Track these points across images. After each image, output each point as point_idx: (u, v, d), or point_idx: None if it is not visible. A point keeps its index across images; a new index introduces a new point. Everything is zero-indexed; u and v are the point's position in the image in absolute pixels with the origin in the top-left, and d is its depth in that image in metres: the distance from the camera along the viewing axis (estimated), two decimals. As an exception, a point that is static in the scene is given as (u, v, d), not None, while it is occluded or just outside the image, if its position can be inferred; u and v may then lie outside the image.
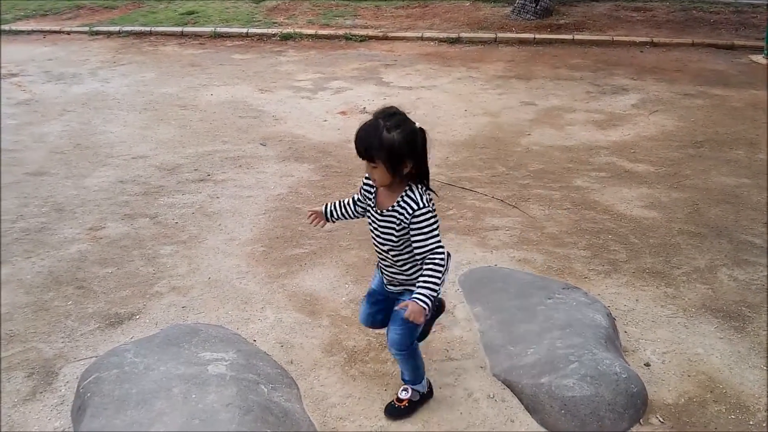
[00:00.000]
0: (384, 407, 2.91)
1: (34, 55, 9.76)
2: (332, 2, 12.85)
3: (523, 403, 2.94)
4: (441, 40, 10.57)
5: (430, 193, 2.56)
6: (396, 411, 2.87)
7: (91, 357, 3.22)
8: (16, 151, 6.01)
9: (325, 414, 2.90)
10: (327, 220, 2.85)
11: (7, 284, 3.90)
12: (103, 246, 4.34)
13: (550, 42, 10.36)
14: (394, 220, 2.52)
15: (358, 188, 2.72)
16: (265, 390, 2.88)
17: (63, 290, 3.85)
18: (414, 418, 2.86)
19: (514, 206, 4.89)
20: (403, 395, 2.89)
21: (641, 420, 2.84)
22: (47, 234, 4.50)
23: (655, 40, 10.18)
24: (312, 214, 2.86)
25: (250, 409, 2.70)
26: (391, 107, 2.47)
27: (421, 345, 3.33)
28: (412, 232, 2.49)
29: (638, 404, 2.86)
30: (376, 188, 2.62)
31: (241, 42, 10.64)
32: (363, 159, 2.48)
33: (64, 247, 4.32)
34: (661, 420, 2.85)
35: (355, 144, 2.46)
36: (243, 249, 4.31)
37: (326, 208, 2.84)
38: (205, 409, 2.66)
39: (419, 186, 2.52)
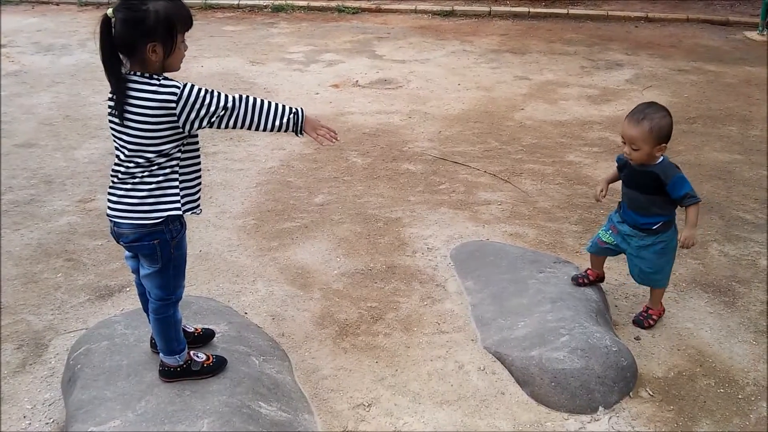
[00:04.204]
0: (373, 379, 2.92)
1: (23, 25, 9.62)
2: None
3: (513, 376, 2.95)
4: (435, 13, 10.48)
5: None
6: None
7: (81, 329, 3.21)
8: (4, 122, 5.94)
9: (317, 386, 2.91)
10: None
11: (-4, 256, 3.88)
12: (93, 218, 4.30)
13: (545, 16, 10.28)
14: None
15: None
16: (257, 362, 2.88)
17: (52, 262, 3.82)
18: (405, 389, 2.87)
19: (507, 181, 4.88)
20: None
21: (631, 393, 2.86)
22: (36, 206, 4.46)
23: (650, 15, 10.12)
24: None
25: (241, 380, 2.70)
26: None
27: (414, 319, 3.34)
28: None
29: (628, 377, 2.88)
30: None
31: (232, 13, 10.51)
32: None
33: (53, 219, 4.29)
34: (651, 393, 2.87)
35: None
36: (234, 222, 4.29)
37: None
38: (196, 381, 2.66)
39: None
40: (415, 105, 6.52)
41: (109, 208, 2.43)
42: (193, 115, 2.31)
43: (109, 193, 2.42)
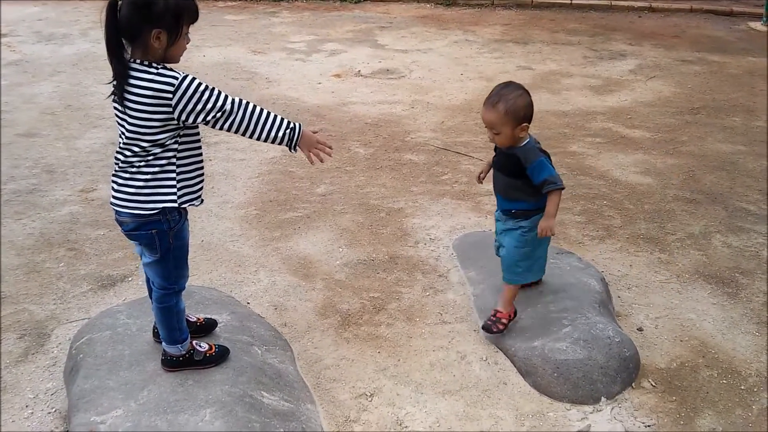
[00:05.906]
0: (376, 369, 2.92)
1: (24, 15, 9.59)
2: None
3: (515, 366, 2.95)
4: (437, 3, 10.44)
5: None
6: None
7: (84, 319, 3.21)
8: (6, 112, 5.92)
9: (319, 376, 2.91)
10: None
11: (-2, 245, 3.87)
12: (95, 208, 4.30)
13: (548, 6, 10.24)
14: None
15: None
16: (259, 352, 2.88)
17: (55, 252, 3.82)
18: (407, 379, 2.87)
19: (509, 171, 4.86)
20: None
21: (633, 384, 2.86)
22: (38, 196, 4.46)
23: (654, 5, 10.08)
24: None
25: (243, 370, 2.70)
26: None
27: (416, 310, 3.34)
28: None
29: (631, 368, 2.88)
30: None
31: (234, 3, 10.48)
32: None
33: (55, 209, 4.29)
34: (653, 384, 2.87)
35: None
36: (236, 212, 4.28)
37: None
38: (198, 370, 2.66)
39: None
40: (418, 95, 6.50)
41: (112, 195, 2.43)
42: (189, 108, 2.28)
43: (112, 181, 2.43)
